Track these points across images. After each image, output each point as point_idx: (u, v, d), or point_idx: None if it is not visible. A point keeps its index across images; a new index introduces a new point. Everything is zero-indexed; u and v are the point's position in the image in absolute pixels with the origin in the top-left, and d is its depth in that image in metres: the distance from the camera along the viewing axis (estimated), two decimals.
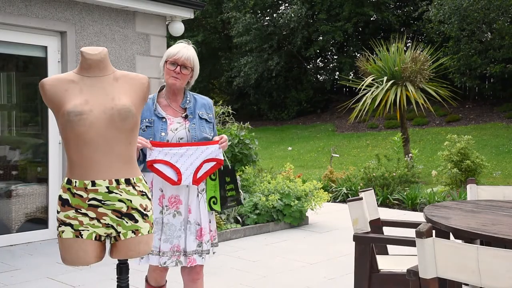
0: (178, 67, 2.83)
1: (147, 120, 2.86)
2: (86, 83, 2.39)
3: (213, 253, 2.99)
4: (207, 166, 2.84)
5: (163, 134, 2.84)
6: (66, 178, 2.38)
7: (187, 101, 2.94)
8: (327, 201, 7.74)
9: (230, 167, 3.08)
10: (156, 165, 2.77)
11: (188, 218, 2.84)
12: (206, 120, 2.95)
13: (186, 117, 2.90)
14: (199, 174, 2.83)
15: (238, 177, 3.19)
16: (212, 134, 3.00)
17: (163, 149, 2.77)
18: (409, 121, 17.38)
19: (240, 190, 3.15)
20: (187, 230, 2.83)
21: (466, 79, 17.65)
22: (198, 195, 2.89)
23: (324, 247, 5.75)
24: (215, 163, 2.87)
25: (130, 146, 2.41)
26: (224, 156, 2.96)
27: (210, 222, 2.95)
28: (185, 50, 2.85)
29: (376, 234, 3.29)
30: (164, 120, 2.86)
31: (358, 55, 20.83)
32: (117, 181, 2.36)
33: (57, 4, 5.91)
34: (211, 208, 2.92)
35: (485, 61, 17.10)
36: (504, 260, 1.77)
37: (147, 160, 2.75)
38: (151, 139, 2.81)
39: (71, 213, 2.35)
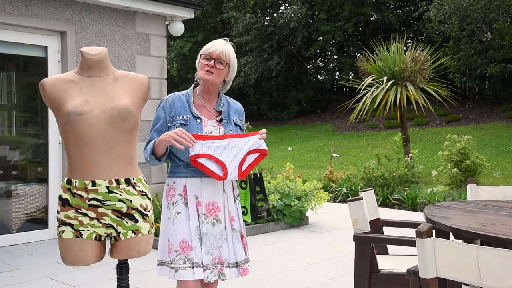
0: (212, 61, 2.64)
1: (182, 117, 2.64)
2: (86, 83, 2.39)
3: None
4: (250, 158, 2.67)
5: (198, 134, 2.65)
6: (66, 178, 2.38)
7: (221, 104, 2.74)
8: (327, 201, 7.74)
9: (258, 175, 2.85)
10: (201, 160, 2.54)
11: (233, 226, 2.66)
12: (240, 127, 2.77)
13: (220, 121, 2.69)
14: (244, 167, 2.65)
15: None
16: None
17: (205, 142, 2.56)
18: (409, 121, 17.39)
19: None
20: (233, 238, 2.65)
21: (466, 79, 17.65)
22: (235, 200, 2.72)
23: (324, 247, 5.75)
24: (258, 154, 2.68)
25: (130, 146, 2.41)
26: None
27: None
28: (221, 44, 2.70)
29: (376, 234, 3.28)
30: (199, 120, 2.65)
31: (358, 55, 20.84)
32: (117, 181, 2.36)
33: (57, 4, 5.91)
34: (246, 218, 2.76)
35: (485, 61, 17.10)
36: (504, 260, 1.77)
37: (190, 155, 2.52)
38: None
39: (71, 213, 2.35)
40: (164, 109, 2.66)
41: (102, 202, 2.34)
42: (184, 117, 2.63)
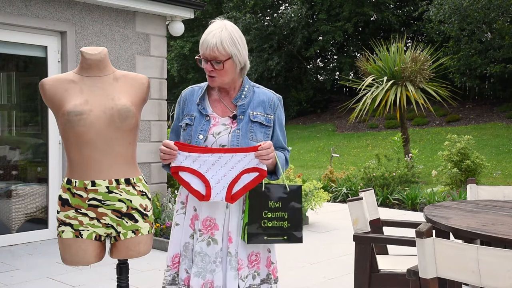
0: (209, 63, 2.21)
1: (189, 115, 2.29)
2: (86, 83, 2.39)
3: None
4: (246, 179, 2.20)
5: (200, 137, 2.23)
6: (66, 178, 2.38)
7: (242, 96, 2.30)
8: (327, 201, 7.74)
9: (288, 188, 2.27)
10: (181, 174, 2.20)
11: (229, 248, 2.23)
12: (260, 123, 2.27)
13: (234, 117, 2.26)
14: (235, 189, 2.19)
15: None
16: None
17: (190, 154, 2.18)
18: (409, 121, 17.39)
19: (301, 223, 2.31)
20: (226, 263, 2.23)
21: (466, 79, 17.66)
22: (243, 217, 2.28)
23: (324, 247, 5.74)
24: (257, 174, 2.20)
25: (130, 146, 2.41)
26: (279, 171, 2.28)
27: (269, 251, 2.39)
28: (211, 38, 2.18)
29: (376, 234, 3.28)
30: (208, 118, 2.26)
31: (358, 55, 20.86)
32: (117, 181, 2.36)
33: (57, 4, 5.91)
34: (242, 237, 2.25)
35: (485, 61, 17.11)
36: (504, 260, 1.77)
37: (171, 165, 2.20)
38: (188, 142, 2.26)
39: (71, 213, 2.35)
40: (179, 106, 2.39)
41: (102, 202, 2.34)
42: (191, 115, 2.29)
